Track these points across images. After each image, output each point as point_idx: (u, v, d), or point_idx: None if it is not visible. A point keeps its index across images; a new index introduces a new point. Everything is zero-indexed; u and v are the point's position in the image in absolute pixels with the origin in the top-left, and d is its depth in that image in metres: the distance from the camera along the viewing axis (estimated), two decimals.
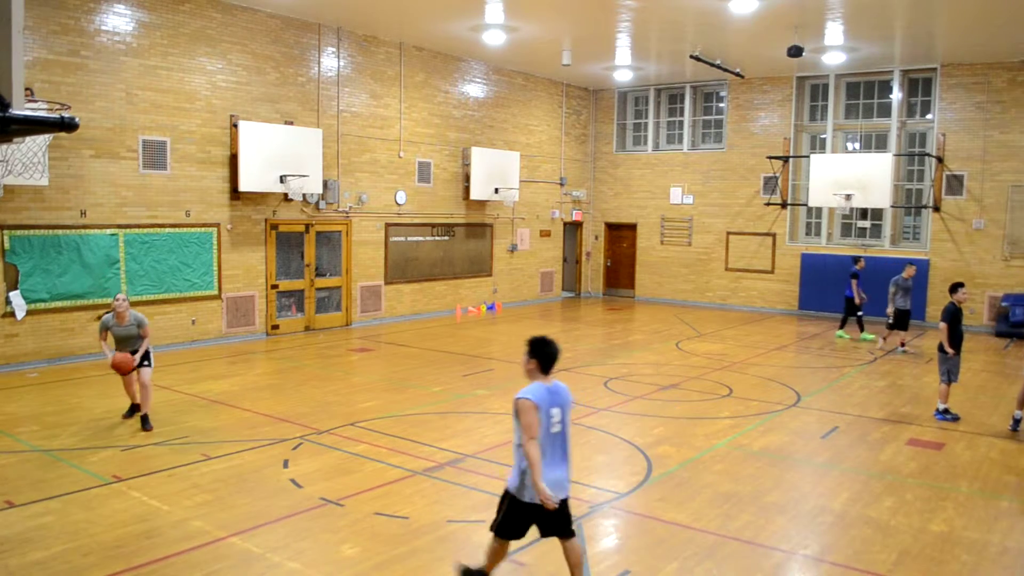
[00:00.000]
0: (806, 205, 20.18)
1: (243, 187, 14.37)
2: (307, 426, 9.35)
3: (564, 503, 5.17)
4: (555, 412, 5.11)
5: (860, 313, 16.59)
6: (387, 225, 17.83)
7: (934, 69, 18.72)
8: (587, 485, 7.56)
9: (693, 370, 13.15)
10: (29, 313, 12.15)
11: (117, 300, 9.03)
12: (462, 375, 12.47)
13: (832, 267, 19.98)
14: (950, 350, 10.10)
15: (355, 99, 16.85)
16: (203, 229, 14.32)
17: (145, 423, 9.09)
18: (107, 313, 9.19)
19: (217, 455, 8.17)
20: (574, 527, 5.30)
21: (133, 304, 13.38)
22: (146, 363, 9.17)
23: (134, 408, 9.49)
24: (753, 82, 21.07)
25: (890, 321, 15.00)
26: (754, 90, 21.18)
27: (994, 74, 18.04)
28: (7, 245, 11.89)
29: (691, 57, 17.60)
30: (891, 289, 15.08)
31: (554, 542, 6.31)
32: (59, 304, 12.49)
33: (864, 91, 20.06)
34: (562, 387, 5.28)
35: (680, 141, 22.74)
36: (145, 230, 13.49)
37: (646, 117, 23.26)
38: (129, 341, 9.12)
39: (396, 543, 6.15)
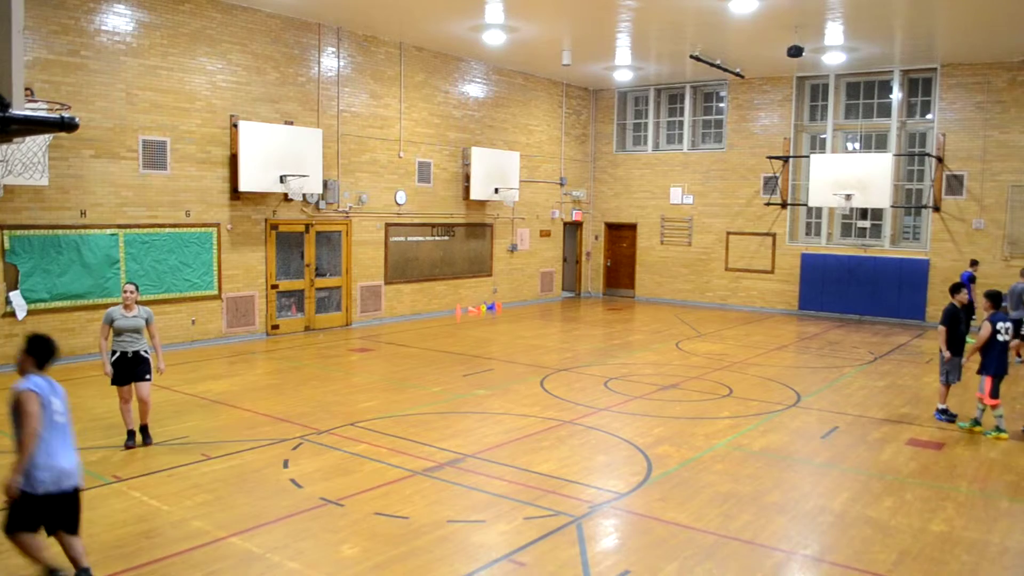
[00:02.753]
0: (806, 205, 20.18)
1: (243, 187, 14.37)
2: (307, 426, 9.35)
3: (76, 494, 5.29)
4: (56, 403, 5.32)
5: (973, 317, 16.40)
6: (387, 225, 17.83)
7: (934, 69, 18.72)
8: (587, 485, 7.56)
9: (693, 370, 13.15)
10: (29, 313, 12.14)
11: (127, 290, 8.43)
12: (462, 375, 12.47)
13: (832, 267, 20.01)
14: (947, 353, 10.08)
15: (355, 99, 16.85)
16: (203, 229, 14.32)
17: (146, 436, 8.52)
18: (114, 306, 8.52)
19: (217, 455, 8.17)
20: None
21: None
22: (147, 376, 8.46)
23: (133, 435, 8.48)
24: (753, 82, 21.07)
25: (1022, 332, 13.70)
26: (754, 90, 21.18)
27: (994, 74, 18.04)
28: (7, 245, 11.89)
29: (691, 57, 17.60)
30: (1011, 298, 14.33)
31: (558, 548, 6.31)
32: (59, 304, 12.49)
33: (864, 91, 20.06)
34: (55, 381, 5.45)
35: (680, 141, 22.74)
36: (145, 230, 13.49)
37: (646, 117, 23.26)
38: (132, 335, 8.37)
39: (396, 543, 6.15)
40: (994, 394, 9.48)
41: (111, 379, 8.42)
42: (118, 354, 8.37)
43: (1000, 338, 9.56)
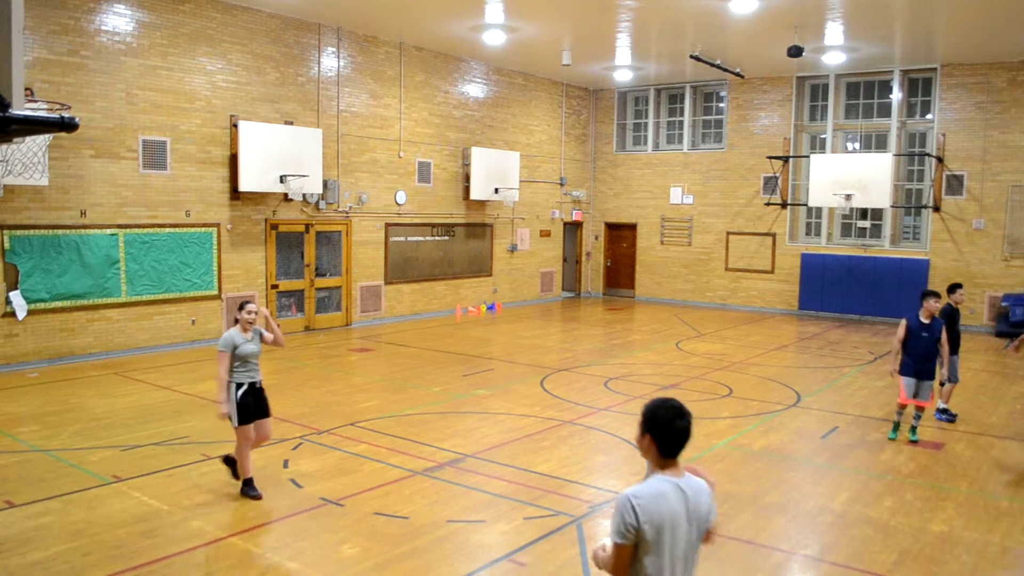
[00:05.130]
0: (806, 205, 20.18)
1: (243, 187, 14.37)
2: (307, 426, 9.35)
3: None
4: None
5: None
6: (387, 225, 17.83)
7: (934, 69, 18.72)
8: (587, 485, 7.56)
9: (693, 370, 13.15)
10: (29, 313, 12.15)
11: (251, 309, 7.11)
12: (462, 375, 12.47)
13: (832, 267, 20.00)
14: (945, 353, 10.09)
15: (355, 99, 16.84)
16: (203, 229, 14.32)
17: (250, 488, 7.08)
18: (230, 329, 7.11)
19: (217, 455, 8.16)
20: None
21: (131, 305, 13.42)
22: (269, 410, 7.32)
23: (252, 482, 7.13)
24: (753, 82, 21.07)
25: None
26: (754, 90, 21.18)
27: (994, 74, 18.03)
28: (7, 245, 11.89)
29: (691, 57, 17.60)
30: None
31: (558, 548, 6.32)
32: (59, 304, 12.49)
33: (864, 91, 20.06)
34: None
35: (680, 141, 22.74)
36: (145, 230, 13.49)
37: (646, 117, 23.26)
38: (255, 362, 7.16)
39: (396, 543, 6.15)
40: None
41: (237, 418, 6.98)
42: (245, 386, 7.02)
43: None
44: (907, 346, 9.35)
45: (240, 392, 7.00)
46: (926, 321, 9.33)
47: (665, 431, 3.20)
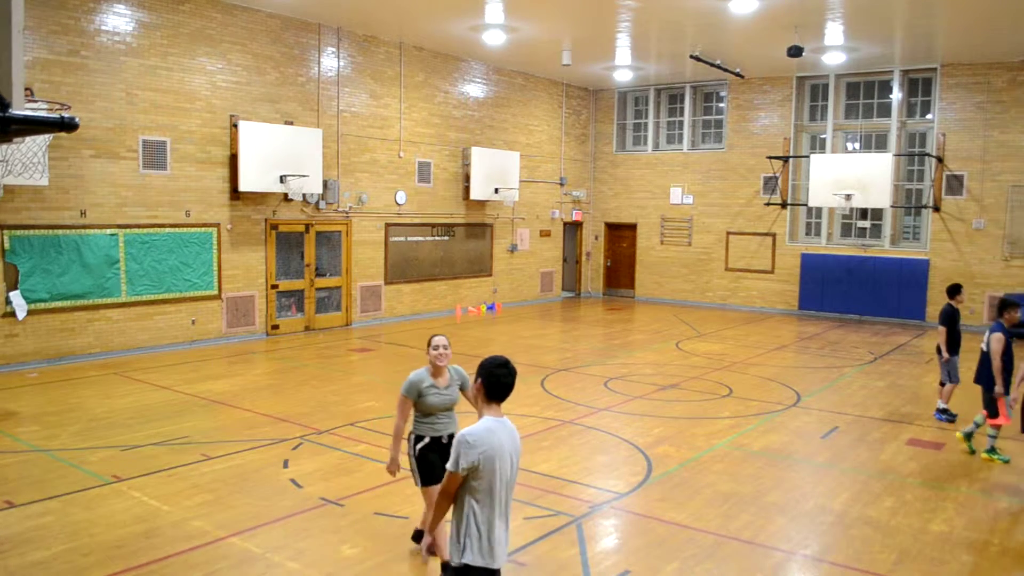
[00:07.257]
0: (806, 205, 20.18)
1: (243, 187, 14.37)
2: (307, 426, 9.35)
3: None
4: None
5: None
6: (387, 225, 17.83)
7: (934, 69, 18.72)
8: (587, 485, 7.56)
9: (693, 370, 13.15)
10: (29, 313, 12.14)
11: (437, 344, 5.69)
12: None
13: (832, 267, 20.00)
14: (946, 354, 10.10)
15: (355, 99, 16.84)
16: (203, 229, 14.32)
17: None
18: (418, 370, 5.74)
19: (217, 455, 8.17)
20: None
21: (131, 305, 13.42)
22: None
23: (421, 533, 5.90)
24: (753, 82, 21.06)
25: None
26: (754, 90, 21.17)
27: (994, 74, 18.03)
28: (7, 245, 11.89)
29: (691, 57, 17.60)
30: None
31: (558, 548, 6.31)
32: (59, 304, 12.49)
33: (864, 91, 20.06)
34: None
35: (680, 141, 22.74)
36: (145, 230, 13.49)
37: (646, 117, 23.26)
38: (447, 414, 5.78)
39: (396, 543, 6.15)
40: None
41: (420, 478, 5.65)
42: (427, 439, 5.67)
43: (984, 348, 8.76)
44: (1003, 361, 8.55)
45: (419, 446, 5.63)
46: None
47: (491, 379, 4.07)
